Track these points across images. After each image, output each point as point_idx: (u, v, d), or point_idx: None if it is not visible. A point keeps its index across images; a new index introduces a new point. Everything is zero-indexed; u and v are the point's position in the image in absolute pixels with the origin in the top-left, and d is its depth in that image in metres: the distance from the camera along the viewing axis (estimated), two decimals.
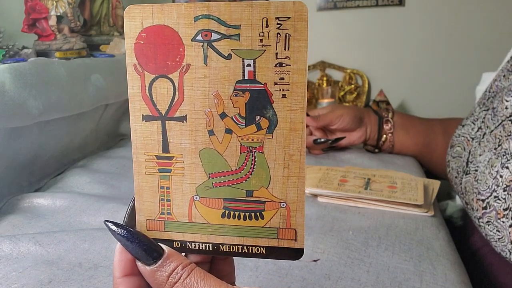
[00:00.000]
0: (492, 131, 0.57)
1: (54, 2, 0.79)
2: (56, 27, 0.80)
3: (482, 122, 0.61)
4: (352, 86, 1.42)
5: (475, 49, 1.33)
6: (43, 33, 0.80)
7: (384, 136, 0.84)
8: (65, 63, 0.71)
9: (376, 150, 0.86)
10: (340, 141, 0.84)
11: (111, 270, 0.43)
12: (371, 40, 1.42)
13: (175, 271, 0.23)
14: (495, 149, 0.54)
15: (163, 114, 0.25)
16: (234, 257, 0.29)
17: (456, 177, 0.64)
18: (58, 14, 0.80)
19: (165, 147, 0.25)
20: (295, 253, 0.26)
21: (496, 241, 0.51)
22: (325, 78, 1.44)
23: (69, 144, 0.78)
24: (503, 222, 0.49)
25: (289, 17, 0.23)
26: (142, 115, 0.25)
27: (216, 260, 0.28)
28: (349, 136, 0.84)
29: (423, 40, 1.37)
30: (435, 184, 0.66)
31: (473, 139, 0.62)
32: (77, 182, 0.67)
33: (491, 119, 0.59)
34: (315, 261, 0.45)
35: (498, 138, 0.55)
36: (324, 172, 0.69)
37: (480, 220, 0.53)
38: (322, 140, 0.83)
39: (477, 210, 0.54)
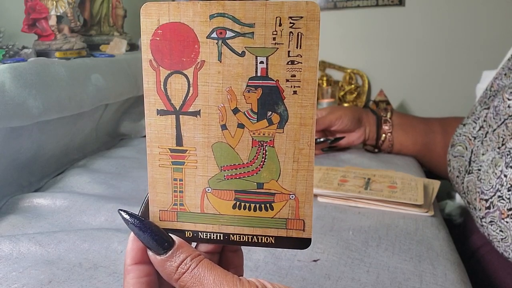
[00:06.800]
0: (494, 130, 0.57)
1: (54, 2, 0.79)
2: (56, 27, 0.80)
3: (484, 121, 0.61)
4: (352, 86, 1.42)
5: (475, 48, 1.33)
6: (43, 33, 0.80)
7: (383, 135, 0.84)
8: (65, 63, 0.71)
9: (376, 150, 0.86)
10: (339, 141, 0.84)
11: (111, 270, 0.43)
12: (371, 40, 1.41)
13: (184, 261, 0.24)
14: (499, 148, 0.54)
15: (177, 109, 0.26)
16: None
17: (457, 176, 0.64)
18: (58, 14, 0.80)
19: (179, 140, 0.26)
20: (303, 243, 0.27)
21: (499, 241, 0.51)
22: (325, 78, 1.44)
23: (69, 144, 0.78)
24: (507, 222, 0.49)
25: (301, 17, 0.24)
26: (157, 109, 0.26)
27: (225, 252, 0.29)
28: (349, 136, 0.84)
29: (423, 40, 1.37)
30: (435, 184, 0.66)
31: (475, 138, 0.62)
32: (77, 182, 0.67)
33: (493, 118, 0.59)
34: (315, 261, 0.45)
35: (502, 137, 0.55)
36: (324, 172, 0.69)
37: (483, 220, 0.53)
38: (322, 140, 0.83)
39: (479, 209, 0.54)
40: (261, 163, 0.26)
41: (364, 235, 0.51)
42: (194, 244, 0.28)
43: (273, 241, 0.27)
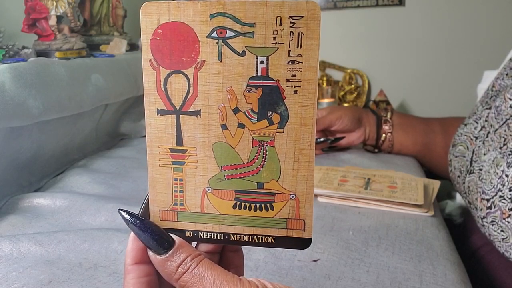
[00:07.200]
0: (496, 130, 0.57)
1: (54, 2, 0.79)
2: (56, 27, 0.80)
3: (486, 121, 0.61)
4: (352, 86, 1.42)
5: (475, 48, 1.33)
6: (43, 33, 0.80)
7: (383, 135, 0.84)
8: (65, 63, 0.71)
9: (376, 150, 0.86)
10: (339, 140, 0.84)
11: (111, 270, 0.43)
12: (371, 40, 1.41)
13: (185, 261, 0.24)
14: (500, 148, 0.54)
15: (178, 109, 0.26)
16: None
17: (458, 176, 0.64)
18: (58, 14, 0.80)
19: (179, 140, 0.26)
20: (303, 243, 0.27)
21: (500, 241, 0.51)
22: (325, 78, 1.44)
23: (69, 144, 0.78)
24: (508, 222, 0.49)
25: (302, 16, 0.24)
26: (157, 109, 0.26)
27: (226, 252, 0.29)
28: (349, 136, 0.84)
29: (423, 40, 1.37)
30: (435, 184, 0.66)
31: (476, 138, 0.62)
32: (77, 182, 0.67)
33: (495, 118, 0.59)
34: (315, 261, 0.45)
35: (503, 137, 0.55)
36: (324, 172, 0.69)
37: (484, 219, 0.53)
38: (322, 139, 0.83)
39: (481, 209, 0.54)
40: (262, 163, 0.26)
41: (364, 235, 0.51)
42: (194, 244, 0.28)
43: (273, 241, 0.27)
